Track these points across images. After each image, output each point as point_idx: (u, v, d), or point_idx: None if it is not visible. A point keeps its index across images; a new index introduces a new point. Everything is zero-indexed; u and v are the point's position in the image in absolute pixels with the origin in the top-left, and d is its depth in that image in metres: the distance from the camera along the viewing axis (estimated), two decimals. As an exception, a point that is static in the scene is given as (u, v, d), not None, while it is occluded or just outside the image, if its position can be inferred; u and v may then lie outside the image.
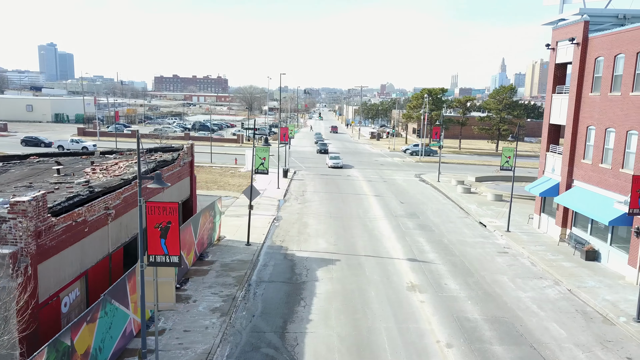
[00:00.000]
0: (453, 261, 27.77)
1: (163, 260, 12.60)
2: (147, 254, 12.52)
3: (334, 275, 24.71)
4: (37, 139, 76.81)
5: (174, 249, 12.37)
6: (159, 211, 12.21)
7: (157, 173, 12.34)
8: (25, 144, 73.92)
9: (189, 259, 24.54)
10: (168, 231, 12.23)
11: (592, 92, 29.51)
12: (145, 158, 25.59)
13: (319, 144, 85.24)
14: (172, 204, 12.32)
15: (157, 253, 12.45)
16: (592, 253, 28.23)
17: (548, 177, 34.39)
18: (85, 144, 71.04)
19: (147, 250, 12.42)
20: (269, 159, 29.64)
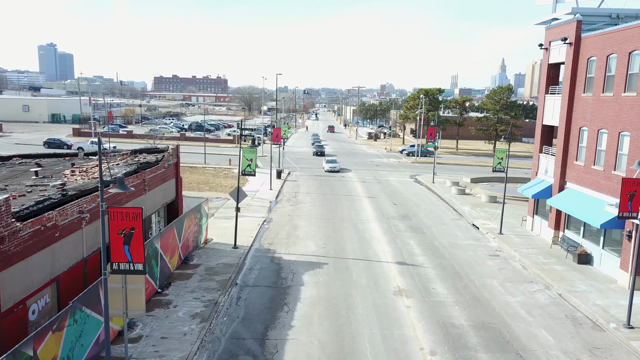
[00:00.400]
0: (443, 264, 27.30)
1: (127, 268, 12.12)
2: (110, 262, 12.03)
3: (320, 279, 24.24)
4: (60, 140, 74.95)
5: (138, 256, 11.89)
6: (122, 217, 11.73)
7: (120, 177, 11.85)
8: (47, 146, 72.81)
9: (173, 263, 24.08)
10: (132, 238, 11.76)
11: (585, 93, 29.06)
12: (128, 160, 25.12)
13: (316, 145, 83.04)
14: (135, 210, 11.84)
15: (120, 260, 11.97)
16: (584, 256, 27.76)
17: (541, 178, 33.93)
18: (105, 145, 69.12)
19: (111, 257, 11.95)
20: (256, 160, 29.10)
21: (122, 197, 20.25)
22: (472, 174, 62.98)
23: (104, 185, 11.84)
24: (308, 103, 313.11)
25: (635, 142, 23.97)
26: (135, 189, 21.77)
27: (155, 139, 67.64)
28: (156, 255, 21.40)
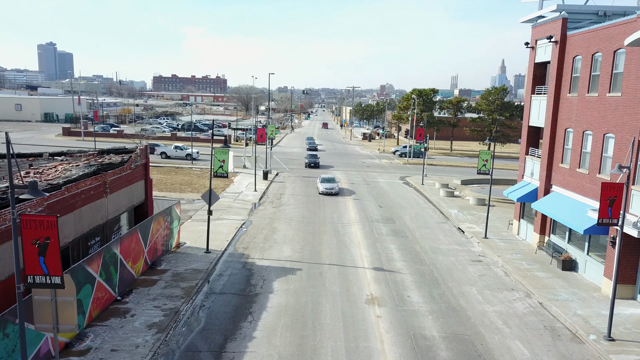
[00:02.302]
0: (421, 271, 26.29)
1: (43, 281, 11.10)
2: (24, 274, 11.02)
3: (290, 287, 23.22)
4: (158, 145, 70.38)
5: (54, 268, 10.87)
6: (35, 225, 10.72)
7: (32, 182, 10.83)
8: None
9: (137, 268, 23.06)
10: (47, 248, 10.74)
11: (570, 93, 28.07)
12: (91, 160, 24.11)
13: (309, 155, 68.50)
14: (50, 218, 10.81)
15: (35, 273, 10.95)
16: (569, 262, 26.76)
17: (527, 181, 32.93)
18: (188, 150, 65.46)
19: (25, 269, 10.94)
20: (228, 161, 28.10)
21: (75, 200, 19.24)
22: (464, 175, 61.97)
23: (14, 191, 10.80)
24: (306, 103, 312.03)
25: (620, 145, 22.97)
26: (94, 191, 20.75)
27: (141, 138, 66.54)
28: (115, 261, 20.39)
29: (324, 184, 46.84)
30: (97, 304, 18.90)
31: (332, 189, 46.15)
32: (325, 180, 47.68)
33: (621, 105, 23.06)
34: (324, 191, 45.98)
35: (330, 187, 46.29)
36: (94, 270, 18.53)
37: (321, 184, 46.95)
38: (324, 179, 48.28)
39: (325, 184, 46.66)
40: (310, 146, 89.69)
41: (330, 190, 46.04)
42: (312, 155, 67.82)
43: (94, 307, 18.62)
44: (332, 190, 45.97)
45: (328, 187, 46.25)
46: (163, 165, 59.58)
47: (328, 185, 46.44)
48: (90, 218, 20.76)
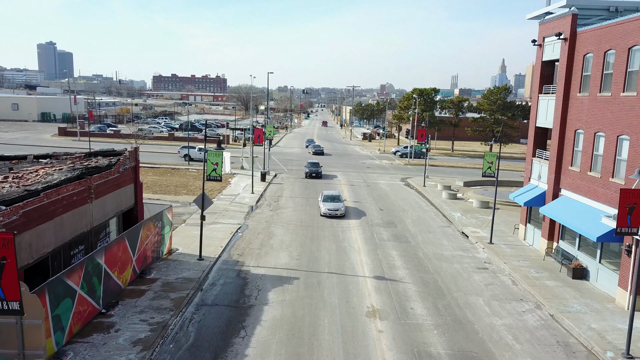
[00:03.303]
0: (425, 279, 25.00)
1: (0, 307, 9.85)
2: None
3: (286, 298, 21.94)
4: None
5: (12, 292, 9.60)
6: (-11, 244, 9.45)
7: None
8: None
9: (124, 278, 21.78)
10: (3, 270, 9.49)
11: (581, 93, 26.77)
12: (77, 164, 22.82)
13: (310, 164, 58.16)
14: (6, 235, 9.55)
15: (-9, 297, 9.71)
16: (579, 270, 25.47)
17: (534, 184, 31.64)
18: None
19: (-21, 293, 9.69)
20: (225, 163, 26.77)
21: (55, 206, 17.95)
22: (466, 176, 60.71)
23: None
24: (306, 103, 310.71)
25: (635, 147, 21.69)
26: (77, 197, 19.46)
27: (138, 138, 65.25)
28: (99, 272, 19.10)
29: (327, 203, 37.81)
30: (79, 319, 17.61)
31: (337, 210, 36.99)
32: (328, 199, 38.60)
33: (637, 106, 21.77)
34: (327, 213, 36.97)
35: (335, 208, 37.06)
36: (75, 283, 17.25)
37: (324, 203, 37.94)
38: (328, 196, 38.99)
39: (329, 204, 37.65)
40: (316, 150, 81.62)
41: (334, 211, 36.95)
42: (313, 164, 57.87)
43: (75, 322, 17.34)
44: (337, 212, 36.92)
45: (332, 208, 37.11)
46: (159, 166, 58.29)
47: (332, 206, 37.38)
48: (73, 225, 19.47)
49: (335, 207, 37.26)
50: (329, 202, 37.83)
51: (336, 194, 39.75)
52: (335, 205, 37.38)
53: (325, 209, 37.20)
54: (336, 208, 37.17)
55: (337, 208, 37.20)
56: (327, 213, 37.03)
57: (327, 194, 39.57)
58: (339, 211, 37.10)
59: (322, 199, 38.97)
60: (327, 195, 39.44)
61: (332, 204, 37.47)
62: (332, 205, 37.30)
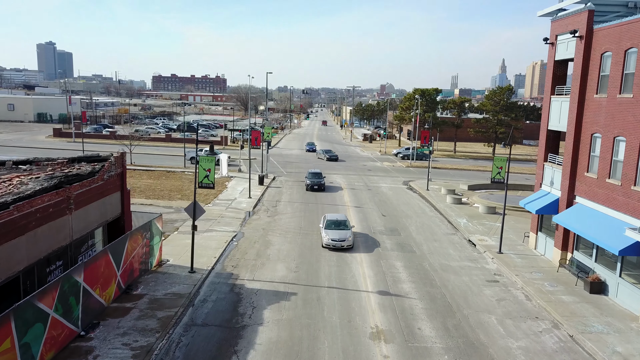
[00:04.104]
0: (432, 294, 23.31)
1: None
2: None
3: (283, 316, 20.25)
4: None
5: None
6: None
7: None
8: None
9: (108, 295, 20.09)
10: None
11: (598, 94, 25.08)
12: (57, 171, 21.11)
13: (311, 174, 49.86)
14: None
15: None
16: (597, 284, 23.78)
17: (546, 191, 29.95)
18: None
19: None
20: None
21: (28, 220, 16.26)
22: (470, 179, 59.03)
23: None
24: (306, 103, 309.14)
25: (662, 153, 20.01)
26: (53, 209, 17.78)
27: (133, 140, 63.56)
28: (77, 291, 17.41)
29: (331, 231, 30.11)
30: (52, 344, 15.92)
31: (343, 240, 29.42)
32: (332, 225, 30.81)
33: (663, 108, 20.09)
34: (330, 244, 29.35)
35: (340, 238, 29.48)
36: (47, 305, 15.56)
37: (326, 231, 30.28)
38: (331, 222, 31.20)
39: (332, 232, 29.93)
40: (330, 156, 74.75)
41: (339, 242, 29.35)
42: (314, 174, 49.66)
43: (47, 349, 15.64)
44: (343, 244, 29.35)
45: (336, 238, 29.45)
46: (154, 169, 56.61)
47: (336, 234, 29.71)
48: (49, 240, 17.79)
49: (341, 236, 29.74)
50: (333, 230, 30.40)
51: (342, 219, 31.91)
52: (340, 234, 29.86)
53: (328, 239, 29.60)
54: (342, 237, 29.61)
55: (342, 238, 29.61)
56: (330, 244, 29.41)
57: (330, 219, 31.76)
58: (345, 242, 29.44)
59: (324, 224, 31.26)
60: (331, 220, 31.55)
61: (336, 232, 30.05)
62: (337, 234, 29.85)
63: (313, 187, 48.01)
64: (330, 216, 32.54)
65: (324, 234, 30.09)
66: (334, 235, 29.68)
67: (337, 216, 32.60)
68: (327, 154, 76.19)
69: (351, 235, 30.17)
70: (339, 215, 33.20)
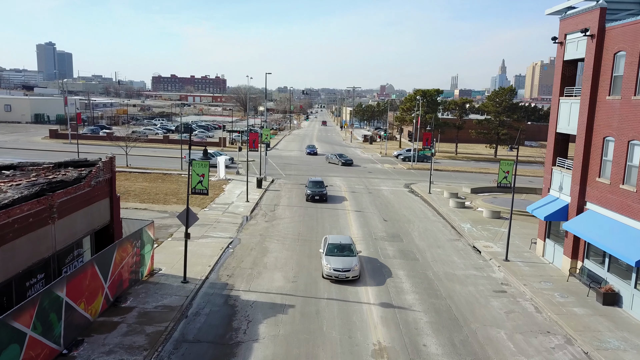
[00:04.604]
0: (437, 306, 22.14)
1: None
2: None
3: (280, 331, 19.09)
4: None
5: None
6: None
7: None
8: None
9: (94, 308, 18.94)
10: None
11: (611, 95, 23.94)
12: (41, 176, 19.95)
13: (312, 183, 45.58)
14: None
15: None
16: (611, 296, 22.62)
17: (554, 196, 28.78)
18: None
19: None
20: (208, 175, 23.99)
21: (4, 231, 15.11)
22: (473, 182, 57.90)
23: None
24: (305, 103, 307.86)
25: (682, 159, 18.85)
26: (34, 218, 16.63)
27: (130, 141, 62.45)
28: (58, 306, 16.26)
29: (333, 258, 25.16)
30: (30, 366, 14.76)
31: (348, 270, 24.42)
32: (335, 250, 25.93)
33: (683, 111, 18.94)
34: (332, 274, 24.41)
35: (345, 267, 24.46)
36: (24, 324, 14.41)
37: (327, 257, 25.28)
38: (334, 246, 26.30)
39: (335, 260, 24.97)
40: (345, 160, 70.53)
41: (343, 273, 24.35)
42: (315, 183, 45.29)
43: (24, 372, 14.48)
44: (347, 275, 24.37)
45: (340, 267, 24.46)
46: (150, 171, 55.46)
47: (339, 263, 24.72)
48: (29, 252, 16.64)
49: (345, 264, 24.58)
50: (336, 257, 25.19)
51: (346, 242, 26.87)
52: (345, 262, 24.72)
53: (329, 269, 24.38)
54: (346, 267, 24.43)
55: (347, 267, 24.43)
56: (332, 275, 24.33)
57: (333, 242, 26.60)
58: (350, 272, 24.33)
59: (324, 248, 26.23)
60: (334, 244, 26.43)
61: (339, 260, 24.84)
62: (340, 262, 24.65)
63: (314, 197, 43.67)
64: (332, 238, 27.37)
65: (325, 262, 24.96)
66: (337, 264, 24.68)
67: (340, 238, 27.52)
68: (341, 159, 71.73)
69: (357, 263, 25.09)
70: (342, 237, 27.92)
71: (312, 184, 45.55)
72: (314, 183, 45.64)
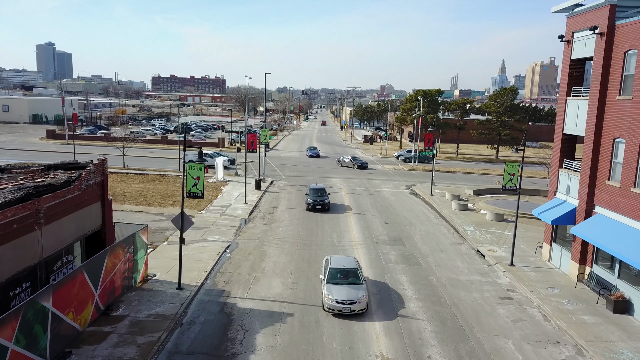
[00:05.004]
0: (442, 315, 21.31)
1: None
2: None
3: (278, 342, 18.25)
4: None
5: None
6: None
7: None
8: None
9: (83, 318, 18.09)
10: None
11: (621, 95, 23.11)
12: (28, 180, 19.11)
13: (313, 190, 41.71)
14: None
15: None
16: (622, 303, 21.79)
17: (561, 199, 27.95)
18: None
19: None
20: (204, 178, 23.15)
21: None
22: (474, 183, 57.10)
23: None
24: (305, 104, 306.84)
25: (698, 162, 18.03)
26: (18, 224, 15.78)
27: (127, 142, 61.57)
28: (44, 317, 15.40)
29: (337, 287, 21.16)
30: (12, 382, 13.91)
31: (355, 302, 20.48)
32: (338, 276, 21.99)
33: (700, 112, 18.11)
34: (335, 307, 20.44)
35: (349, 299, 20.46)
36: (6, 338, 13.56)
37: (329, 287, 21.29)
38: (337, 271, 22.24)
39: (337, 290, 20.95)
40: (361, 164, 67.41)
41: (348, 306, 20.40)
42: (316, 191, 41.47)
43: (6, 389, 13.65)
44: (353, 307, 20.43)
45: (344, 299, 20.46)
46: (147, 172, 54.60)
47: (344, 294, 20.68)
48: (13, 260, 15.80)
49: (350, 296, 20.55)
50: (339, 286, 21.20)
51: (351, 266, 22.65)
52: (349, 293, 20.68)
53: (332, 301, 20.42)
54: (351, 299, 20.45)
55: (352, 299, 20.45)
56: (334, 309, 20.37)
57: (336, 267, 22.45)
58: (356, 305, 20.42)
59: (325, 275, 22.17)
60: (337, 268, 22.35)
61: (343, 290, 20.84)
62: (344, 293, 20.66)
63: (315, 206, 39.64)
64: (335, 261, 23.03)
65: (326, 292, 20.93)
66: (341, 295, 20.57)
67: (344, 261, 23.18)
68: (355, 162, 68.40)
69: (365, 293, 21.03)
70: (346, 260, 23.43)
71: (314, 191, 41.57)
72: (315, 191, 41.66)
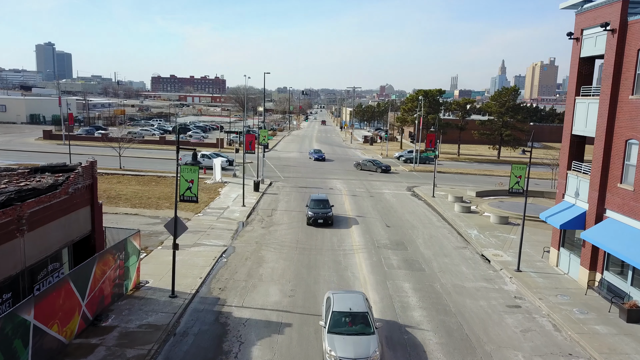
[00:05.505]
0: (447, 324, 20.31)
1: None
2: None
3: (275, 355, 17.27)
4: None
5: None
6: None
7: None
8: None
9: (68, 330, 17.09)
10: None
11: (634, 95, 22.14)
12: (13, 183, 18.13)
13: (314, 201, 36.71)
14: None
15: None
16: (636, 313, 20.81)
17: (570, 202, 26.97)
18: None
19: None
20: (197, 181, 22.14)
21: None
22: (477, 184, 56.08)
23: None
24: (305, 104, 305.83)
25: None
26: (-2, 232, 14.80)
27: (124, 142, 60.59)
28: (24, 331, 14.42)
29: (340, 338, 16.79)
30: (-12, 403, 12.94)
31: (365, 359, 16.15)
32: (343, 319, 17.54)
33: None
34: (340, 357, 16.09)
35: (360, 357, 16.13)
36: (-19, 356, 12.59)
37: (331, 337, 16.94)
38: (341, 314, 17.68)
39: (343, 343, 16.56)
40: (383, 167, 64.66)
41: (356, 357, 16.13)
42: (318, 202, 36.47)
43: (-19, 410, 12.66)
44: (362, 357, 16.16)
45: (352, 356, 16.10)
46: (144, 174, 53.61)
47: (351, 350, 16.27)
48: (-7, 270, 14.82)
49: (359, 351, 16.24)
50: (346, 337, 16.83)
51: (359, 309, 17.91)
52: (358, 348, 16.34)
53: (335, 358, 16.10)
54: (361, 355, 16.14)
55: (363, 356, 16.14)
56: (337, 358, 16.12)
57: (340, 310, 17.81)
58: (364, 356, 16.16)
59: (328, 321, 17.49)
60: (342, 312, 17.74)
61: (350, 343, 16.50)
62: (352, 348, 16.31)
63: (317, 220, 34.75)
64: (339, 302, 18.24)
65: (328, 346, 16.55)
66: (346, 351, 16.25)
67: (351, 302, 18.24)
68: (378, 165, 65.58)
69: (377, 346, 16.56)
70: (354, 298, 18.60)
71: (315, 203, 36.43)
72: (317, 202, 36.54)
